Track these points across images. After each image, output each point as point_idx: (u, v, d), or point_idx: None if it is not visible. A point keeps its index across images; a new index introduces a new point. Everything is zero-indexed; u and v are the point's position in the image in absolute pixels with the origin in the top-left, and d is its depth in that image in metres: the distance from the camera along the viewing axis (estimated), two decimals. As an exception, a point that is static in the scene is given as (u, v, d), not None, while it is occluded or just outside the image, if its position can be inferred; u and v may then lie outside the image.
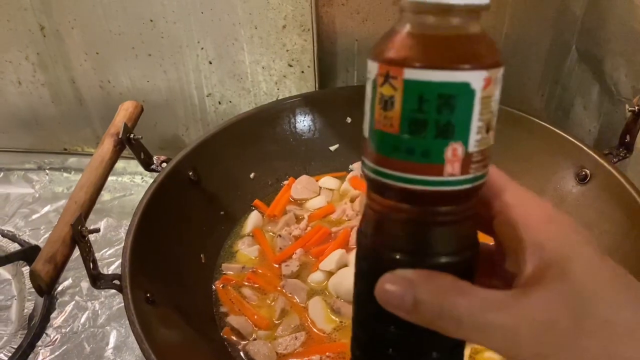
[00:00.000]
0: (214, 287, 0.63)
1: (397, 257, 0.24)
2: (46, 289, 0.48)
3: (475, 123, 0.23)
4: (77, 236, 0.50)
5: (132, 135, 0.63)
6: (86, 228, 0.51)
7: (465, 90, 0.22)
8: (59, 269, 0.49)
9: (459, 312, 0.22)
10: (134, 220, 0.56)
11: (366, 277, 0.26)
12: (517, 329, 0.22)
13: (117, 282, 0.51)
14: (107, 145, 0.61)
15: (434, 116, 0.22)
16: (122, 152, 0.63)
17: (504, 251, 0.26)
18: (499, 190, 0.26)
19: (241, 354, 0.56)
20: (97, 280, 0.51)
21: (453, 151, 0.23)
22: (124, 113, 0.66)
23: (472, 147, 0.23)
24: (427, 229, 0.24)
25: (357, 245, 0.27)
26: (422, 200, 0.24)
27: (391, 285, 0.24)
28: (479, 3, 0.23)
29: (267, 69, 0.82)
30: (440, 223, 0.24)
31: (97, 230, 0.53)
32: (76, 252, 0.51)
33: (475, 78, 0.22)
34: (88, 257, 0.50)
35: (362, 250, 0.27)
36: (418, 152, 0.23)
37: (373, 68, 0.23)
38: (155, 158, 0.66)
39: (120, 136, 0.62)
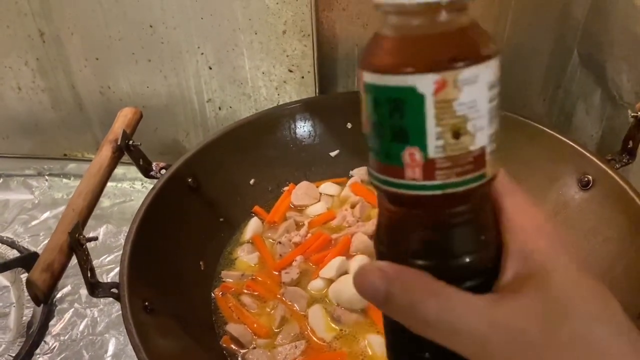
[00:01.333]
0: (213, 294, 0.63)
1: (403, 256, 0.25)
2: (43, 298, 0.48)
3: (433, 129, 0.22)
4: (75, 244, 0.49)
5: (130, 142, 0.62)
6: (84, 236, 0.50)
7: (413, 95, 0.21)
8: (56, 277, 0.49)
9: (427, 312, 0.22)
10: (132, 228, 0.56)
11: None
12: (487, 336, 0.21)
13: (115, 290, 0.51)
14: (105, 152, 0.61)
15: (388, 120, 0.22)
16: (120, 159, 0.63)
17: None
18: (499, 194, 0.26)
19: (240, 362, 0.56)
20: (95, 288, 0.50)
21: (410, 156, 0.22)
22: (122, 119, 0.65)
23: (434, 153, 0.22)
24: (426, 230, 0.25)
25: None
26: (400, 202, 0.24)
27: (367, 274, 0.24)
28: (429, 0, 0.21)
29: (267, 74, 0.82)
30: (429, 226, 0.24)
31: (95, 239, 0.53)
32: (75, 259, 0.50)
33: (421, 82, 0.21)
34: (86, 265, 0.50)
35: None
36: (382, 153, 0.23)
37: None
38: (154, 164, 0.65)
39: (118, 143, 0.61)
